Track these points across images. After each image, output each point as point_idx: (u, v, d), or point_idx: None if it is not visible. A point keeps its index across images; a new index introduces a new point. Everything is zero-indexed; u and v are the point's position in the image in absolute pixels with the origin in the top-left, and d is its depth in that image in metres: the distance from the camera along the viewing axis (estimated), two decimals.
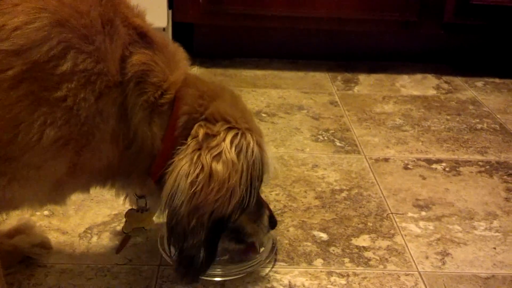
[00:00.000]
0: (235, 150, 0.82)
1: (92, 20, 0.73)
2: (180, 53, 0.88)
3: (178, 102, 0.82)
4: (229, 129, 0.84)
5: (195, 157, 0.81)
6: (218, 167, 0.80)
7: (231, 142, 0.82)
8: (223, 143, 0.82)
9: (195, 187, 0.80)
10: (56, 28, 0.70)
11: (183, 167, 0.80)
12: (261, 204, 0.97)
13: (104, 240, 1.07)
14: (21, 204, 0.80)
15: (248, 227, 0.95)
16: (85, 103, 0.72)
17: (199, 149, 0.81)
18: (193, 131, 0.83)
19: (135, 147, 0.81)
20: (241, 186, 0.82)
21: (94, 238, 1.07)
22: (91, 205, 1.17)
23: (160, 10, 1.78)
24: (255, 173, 0.84)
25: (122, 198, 0.99)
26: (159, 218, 1.00)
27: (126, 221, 1.00)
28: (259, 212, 0.96)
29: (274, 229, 1.02)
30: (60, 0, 0.71)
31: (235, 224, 0.91)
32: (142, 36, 0.80)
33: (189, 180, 0.80)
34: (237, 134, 0.84)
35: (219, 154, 0.81)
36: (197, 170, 0.80)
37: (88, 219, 1.13)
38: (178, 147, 0.82)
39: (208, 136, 0.82)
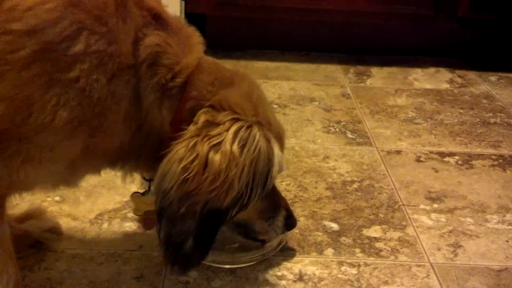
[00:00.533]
0: (238, 143, 0.79)
1: (105, 1, 0.73)
2: (195, 37, 0.86)
3: (188, 87, 0.81)
4: (235, 120, 0.81)
5: (191, 144, 0.78)
6: (216, 157, 0.78)
7: (235, 133, 0.79)
8: (225, 133, 0.79)
9: (187, 173, 0.77)
10: (69, 9, 0.70)
11: (178, 152, 0.79)
12: (277, 203, 0.95)
13: (114, 226, 1.07)
14: (34, 186, 0.80)
15: (257, 225, 0.94)
16: (97, 84, 0.72)
17: (197, 135, 0.79)
18: (195, 117, 0.81)
19: (145, 130, 0.80)
20: (240, 181, 0.79)
21: (105, 224, 1.08)
22: (102, 192, 1.17)
23: (172, 0, 1.78)
24: (259, 169, 0.81)
25: (132, 183, 0.99)
26: None
27: (134, 205, 1.00)
28: (273, 211, 0.94)
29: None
30: None
31: (242, 219, 0.89)
32: (156, 18, 0.79)
33: (181, 165, 0.78)
34: (242, 126, 0.80)
35: (219, 144, 0.78)
36: (192, 157, 0.78)
37: (99, 205, 1.13)
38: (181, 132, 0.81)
39: (210, 124, 0.80)
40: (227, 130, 0.79)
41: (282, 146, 0.89)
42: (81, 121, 0.73)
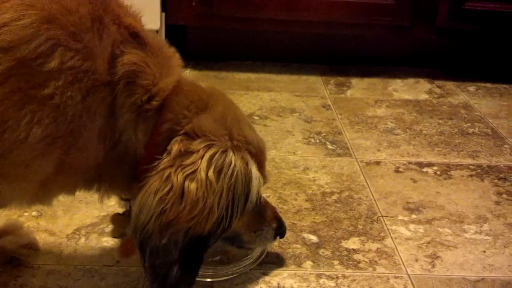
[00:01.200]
0: (214, 169, 0.79)
1: (81, 17, 0.73)
2: (175, 59, 0.86)
3: (165, 110, 0.80)
4: (209, 146, 0.80)
5: (165, 175, 0.78)
6: (191, 186, 0.77)
7: (209, 160, 0.79)
8: (200, 161, 0.79)
9: (164, 205, 0.77)
10: (44, 25, 0.69)
11: (153, 184, 0.79)
12: (264, 215, 0.94)
13: (92, 242, 1.06)
14: (9, 202, 0.79)
15: (245, 236, 0.94)
16: (72, 101, 0.71)
17: (171, 166, 0.79)
18: (169, 146, 0.80)
19: (120, 150, 0.80)
20: (220, 206, 0.79)
21: (82, 239, 1.07)
22: (79, 206, 1.16)
23: (153, 12, 1.78)
24: (237, 192, 0.81)
25: (107, 200, 0.98)
26: None
27: (113, 227, 0.99)
28: (260, 224, 0.94)
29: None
30: None
31: (231, 232, 0.89)
32: (134, 36, 0.79)
33: (157, 197, 0.78)
34: (217, 152, 0.80)
35: (194, 172, 0.78)
36: (167, 188, 0.78)
37: (76, 220, 1.12)
38: (157, 157, 0.80)
39: (184, 153, 0.79)
40: (202, 157, 0.79)
41: (262, 162, 0.90)
42: (55, 138, 0.73)
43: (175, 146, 0.79)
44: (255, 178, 0.84)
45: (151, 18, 1.76)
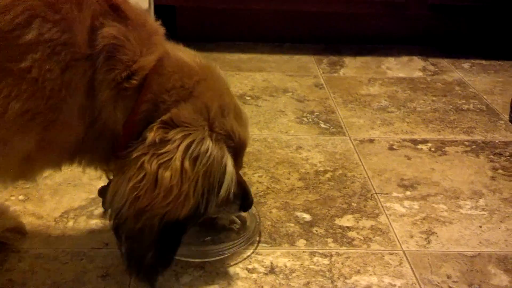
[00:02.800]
0: (189, 158, 0.77)
1: None
2: (158, 36, 0.82)
3: (144, 91, 0.77)
4: (186, 136, 0.78)
5: (139, 163, 0.76)
6: (165, 173, 0.76)
7: (185, 149, 0.77)
8: (175, 150, 0.77)
9: (137, 191, 0.76)
10: None
11: (127, 171, 0.77)
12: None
13: (80, 224, 1.04)
14: None
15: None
16: (50, 75, 0.69)
17: (145, 154, 0.77)
18: (144, 133, 0.78)
19: (99, 126, 0.77)
20: (195, 193, 0.78)
21: (70, 223, 1.04)
22: (67, 189, 1.14)
23: None
24: (213, 179, 0.80)
25: (99, 179, 0.96)
26: None
27: (102, 199, 0.97)
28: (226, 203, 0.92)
29: (247, 211, 0.99)
30: None
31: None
32: (114, 9, 0.76)
33: (130, 184, 0.76)
34: (193, 140, 0.78)
35: (168, 161, 0.76)
36: (140, 176, 0.76)
37: (64, 203, 1.10)
38: (133, 139, 0.78)
39: (160, 142, 0.77)
40: (177, 147, 0.77)
41: (240, 153, 0.88)
42: (35, 114, 0.70)
43: (151, 134, 0.77)
44: (229, 173, 0.82)
45: None
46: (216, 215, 0.96)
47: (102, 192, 0.97)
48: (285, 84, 1.72)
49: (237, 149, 0.86)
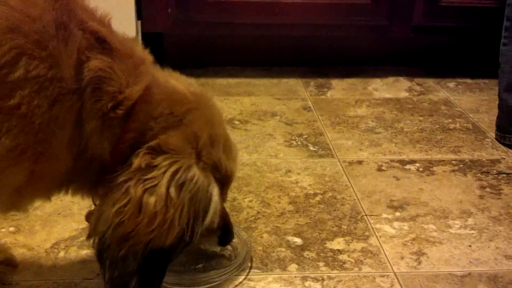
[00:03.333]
0: (175, 184, 0.77)
1: (45, 24, 0.71)
2: (145, 65, 0.82)
3: (131, 119, 0.78)
4: (173, 163, 0.78)
5: (124, 187, 0.77)
6: (150, 199, 0.76)
7: (172, 176, 0.78)
8: (161, 175, 0.77)
9: (121, 216, 0.76)
10: (7, 35, 0.68)
11: (112, 196, 0.77)
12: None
13: (71, 255, 1.04)
14: None
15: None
16: (39, 110, 0.70)
17: (131, 179, 0.77)
18: (131, 159, 0.78)
19: (87, 155, 0.78)
20: (181, 220, 0.78)
21: (62, 253, 1.04)
22: (58, 220, 1.14)
23: (127, 20, 1.76)
24: (198, 207, 0.80)
25: (89, 209, 0.96)
26: None
27: (88, 224, 0.96)
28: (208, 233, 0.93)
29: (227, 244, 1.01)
30: (10, 5, 0.69)
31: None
32: (100, 41, 0.77)
33: (114, 209, 0.77)
34: (180, 167, 0.78)
35: (154, 186, 0.77)
36: (125, 200, 0.76)
37: (55, 234, 1.09)
38: (119, 167, 0.79)
39: (146, 168, 0.77)
40: (164, 173, 0.77)
41: (226, 186, 0.89)
42: (25, 148, 0.71)
43: (137, 159, 0.78)
44: (214, 201, 0.82)
45: (126, 26, 1.74)
46: (197, 246, 0.96)
47: (89, 217, 0.97)
48: (274, 107, 1.74)
49: (223, 182, 0.86)
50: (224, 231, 0.96)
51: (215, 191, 0.83)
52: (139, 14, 1.84)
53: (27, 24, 0.69)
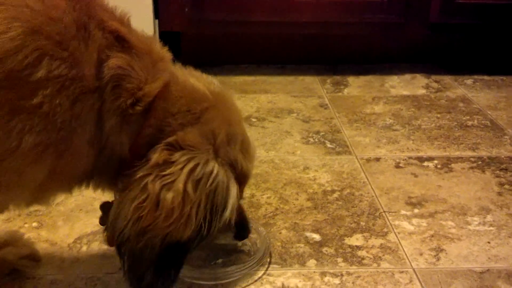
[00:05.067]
0: (192, 181, 0.79)
1: (66, 25, 0.73)
2: (164, 62, 0.84)
3: (149, 116, 0.80)
4: (190, 159, 0.80)
5: (142, 183, 0.78)
6: (168, 195, 0.77)
7: (189, 172, 0.79)
8: (179, 171, 0.78)
9: (140, 211, 0.78)
10: (30, 36, 0.70)
11: (130, 192, 0.79)
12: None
13: (93, 250, 1.05)
14: (6, 208, 0.80)
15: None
16: (61, 109, 0.71)
17: (149, 174, 0.79)
18: (149, 155, 0.80)
19: (107, 151, 0.80)
20: (198, 215, 0.79)
21: (84, 248, 1.06)
22: (79, 215, 1.15)
23: (145, 19, 1.78)
24: (216, 203, 0.81)
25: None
26: None
27: (102, 214, 0.98)
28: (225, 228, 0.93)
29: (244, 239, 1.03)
30: (33, 8, 0.71)
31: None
32: (119, 40, 0.78)
33: (133, 205, 0.78)
34: (198, 164, 0.80)
35: (172, 182, 0.78)
36: (143, 196, 0.78)
37: (77, 229, 1.11)
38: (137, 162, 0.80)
39: (163, 163, 0.79)
40: (181, 169, 0.79)
41: (241, 185, 0.89)
42: (47, 145, 0.73)
43: (155, 155, 0.79)
44: (233, 196, 0.83)
45: (144, 26, 1.75)
46: (214, 240, 0.98)
47: (104, 207, 0.98)
48: (290, 105, 1.74)
49: (239, 180, 0.87)
50: (240, 226, 0.97)
51: (233, 187, 0.84)
52: (157, 14, 1.86)
53: (48, 26, 0.71)
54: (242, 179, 0.89)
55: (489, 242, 1.10)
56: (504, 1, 1.92)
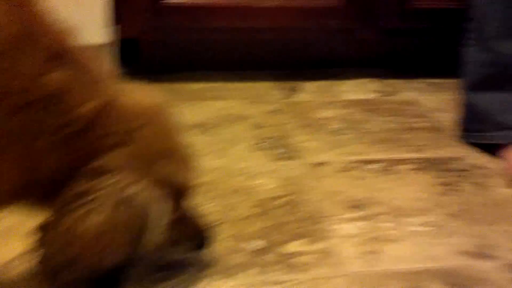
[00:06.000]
0: (117, 204, 0.78)
1: (7, 36, 0.72)
2: (105, 82, 0.83)
3: (83, 137, 0.79)
4: (117, 182, 0.79)
5: (68, 209, 0.78)
6: (93, 221, 0.77)
7: (115, 195, 0.78)
8: (101, 198, 0.78)
9: (66, 240, 0.78)
10: None
11: (57, 218, 0.79)
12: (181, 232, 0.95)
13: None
14: None
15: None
16: None
17: (72, 202, 0.78)
18: (76, 178, 0.79)
19: (36, 173, 0.79)
20: (123, 240, 0.80)
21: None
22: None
23: (100, 26, 1.78)
24: (141, 224, 0.81)
25: None
26: None
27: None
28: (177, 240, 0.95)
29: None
30: None
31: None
32: (63, 54, 0.78)
33: (58, 231, 0.78)
34: (123, 187, 0.79)
35: (92, 210, 0.77)
36: (68, 223, 0.78)
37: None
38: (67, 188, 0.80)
39: (85, 190, 0.78)
40: (107, 193, 0.78)
41: (180, 202, 0.90)
42: None
43: (81, 180, 0.79)
44: (159, 215, 0.83)
45: (101, 32, 1.76)
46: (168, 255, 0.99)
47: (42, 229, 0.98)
48: (244, 111, 1.76)
49: (178, 194, 0.88)
50: (196, 236, 0.98)
51: (161, 205, 0.83)
52: (114, 20, 1.86)
53: None
54: (180, 192, 0.89)
55: (428, 243, 1.14)
56: (454, 6, 1.97)
